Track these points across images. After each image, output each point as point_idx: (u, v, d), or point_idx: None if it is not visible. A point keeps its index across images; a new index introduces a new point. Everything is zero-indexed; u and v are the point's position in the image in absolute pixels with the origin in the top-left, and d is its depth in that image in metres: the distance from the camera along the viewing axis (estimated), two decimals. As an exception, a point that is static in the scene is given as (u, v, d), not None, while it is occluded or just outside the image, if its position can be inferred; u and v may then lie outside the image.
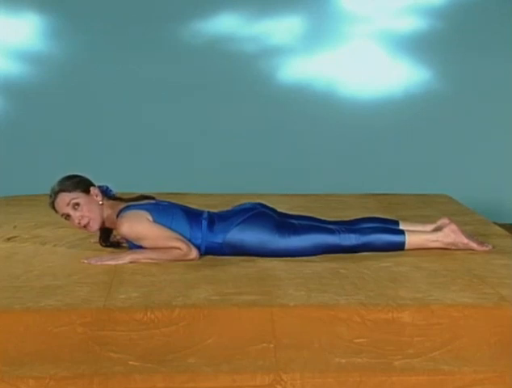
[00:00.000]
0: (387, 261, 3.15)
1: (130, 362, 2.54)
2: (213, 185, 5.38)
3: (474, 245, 3.33)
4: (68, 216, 3.27)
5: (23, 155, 6.07)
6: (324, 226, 3.34)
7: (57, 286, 2.81)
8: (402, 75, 6.11)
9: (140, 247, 3.22)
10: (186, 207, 3.39)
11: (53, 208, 3.30)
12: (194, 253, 3.18)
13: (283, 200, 4.22)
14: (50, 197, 3.29)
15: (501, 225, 4.02)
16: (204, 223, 3.27)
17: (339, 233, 3.29)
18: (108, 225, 3.34)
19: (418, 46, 6.03)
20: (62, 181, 3.30)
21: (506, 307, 2.64)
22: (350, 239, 3.28)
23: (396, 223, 3.49)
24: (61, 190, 3.27)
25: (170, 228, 3.21)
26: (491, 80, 6.06)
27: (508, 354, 2.59)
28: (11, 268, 3.07)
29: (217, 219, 3.30)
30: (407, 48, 6.05)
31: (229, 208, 3.51)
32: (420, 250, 3.31)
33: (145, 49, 6.00)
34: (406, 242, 3.31)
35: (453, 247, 3.32)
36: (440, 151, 6.16)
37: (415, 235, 3.34)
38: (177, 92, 6.04)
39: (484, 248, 3.34)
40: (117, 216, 3.26)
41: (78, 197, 3.26)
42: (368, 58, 6.06)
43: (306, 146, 6.14)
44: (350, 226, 3.37)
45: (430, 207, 4.36)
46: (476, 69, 6.05)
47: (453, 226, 3.35)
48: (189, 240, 3.21)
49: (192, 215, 3.31)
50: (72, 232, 3.59)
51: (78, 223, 3.26)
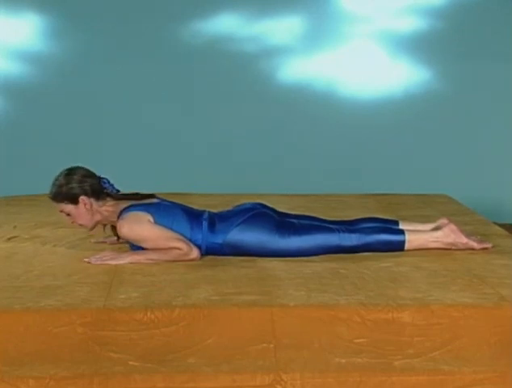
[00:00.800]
0: (387, 261, 3.15)
1: (130, 362, 2.54)
2: (213, 185, 5.38)
3: (474, 244, 3.33)
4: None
5: (23, 155, 6.06)
6: (324, 226, 3.34)
7: (57, 286, 2.81)
8: (402, 75, 6.11)
9: (141, 248, 3.22)
10: (186, 207, 3.39)
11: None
12: (195, 253, 3.18)
13: (283, 200, 4.22)
14: (49, 195, 3.31)
15: (501, 225, 4.02)
16: (205, 223, 3.27)
17: (339, 233, 3.29)
18: (110, 224, 3.35)
19: (418, 46, 6.03)
20: (56, 185, 3.27)
21: (506, 307, 2.64)
22: (351, 239, 3.28)
23: (395, 223, 3.49)
24: (52, 198, 3.28)
25: (171, 228, 3.21)
26: (491, 80, 6.06)
27: (508, 354, 2.59)
28: (11, 268, 3.08)
29: (217, 219, 3.30)
30: (407, 48, 6.05)
31: (229, 208, 3.51)
32: (420, 250, 3.31)
33: (145, 49, 5.99)
34: (406, 242, 3.31)
35: (453, 247, 3.33)
36: (440, 151, 6.16)
37: (415, 235, 3.34)
38: (177, 92, 6.03)
39: (484, 245, 3.34)
40: (118, 216, 3.27)
41: (66, 208, 3.27)
42: (368, 58, 6.06)
43: (306, 146, 6.13)
44: (351, 226, 3.37)
45: (430, 207, 4.35)
46: (476, 69, 6.04)
47: (452, 226, 3.35)
48: (189, 240, 3.21)
49: (193, 215, 3.31)
50: (72, 232, 3.59)
51: (72, 222, 3.32)
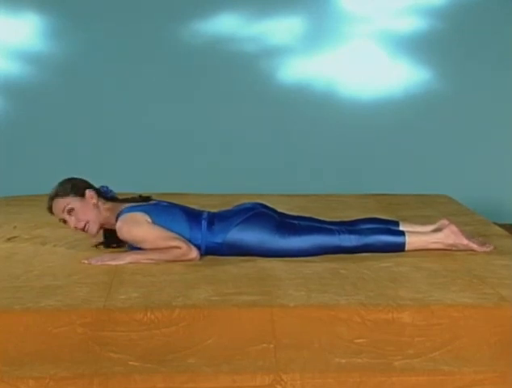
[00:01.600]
0: (387, 261, 3.15)
1: (130, 362, 2.54)
2: (213, 185, 5.37)
3: (474, 246, 3.32)
4: (64, 221, 3.29)
5: (23, 155, 6.06)
6: (324, 227, 3.34)
7: (57, 286, 2.81)
8: (402, 75, 6.11)
9: (140, 248, 3.22)
10: (185, 207, 3.39)
11: (51, 213, 3.33)
12: (194, 253, 3.18)
13: (283, 200, 4.22)
14: (48, 202, 3.31)
15: (501, 225, 4.02)
16: (204, 223, 3.27)
17: (339, 234, 3.28)
18: (109, 226, 3.34)
19: (418, 46, 6.03)
20: (57, 186, 3.32)
21: (506, 307, 2.64)
22: (350, 240, 3.28)
23: (396, 224, 3.48)
24: (56, 195, 3.29)
25: (170, 228, 3.21)
26: (491, 80, 6.06)
27: (508, 354, 2.59)
28: (11, 268, 3.07)
29: (217, 219, 3.30)
30: (407, 48, 6.05)
31: (229, 208, 3.51)
32: (420, 250, 3.31)
33: (145, 49, 5.99)
34: (406, 244, 3.30)
35: (453, 248, 3.32)
36: (440, 151, 6.16)
37: (415, 236, 3.34)
38: (177, 92, 6.03)
39: (484, 249, 3.33)
40: (116, 218, 3.27)
41: (72, 202, 3.27)
42: (368, 58, 6.06)
43: (306, 146, 6.13)
44: (350, 227, 3.37)
45: (430, 207, 4.35)
46: (476, 69, 6.04)
47: (453, 227, 3.34)
48: (189, 240, 3.21)
49: (192, 215, 3.30)
50: (72, 232, 3.58)
51: (75, 227, 3.28)
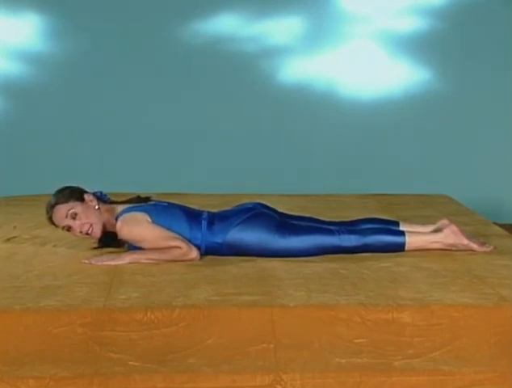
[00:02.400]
0: (387, 261, 3.15)
1: (130, 362, 2.54)
2: (213, 185, 5.37)
3: (474, 246, 3.32)
4: (69, 227, 3.29)
5: (23, 155, 6.06)
6: (324, 227, 3.34)
7: (57, 286, 2.81)
8: (402, 75, 6.10)
9: (140, 248, 3.22)
10: (185, 207, 3.39)
11: (52, 223, 3.32)
12: (194, 252, 3.18)
13: (283, 200, 4.22)
14: (47, 213, 3.30)
15: (501, 225, 4.02)
16: (204, 223, 3.27)
17: (339, 234, 3.28)
18: (109, 228, 3.33)
19: (418, 46, 6.03)
20: (55, 195, 3.31)
21: (506, 307, 2.64)
22: (350, 240, 3.28)
23: (396, 224, 3.48)
24: (56, 203, 3.28)
25: (170, 228, 3.21)
26: (491, 80, 6.05)
27: (508, 354, 2.59)
28: (11, 268, 3.08)
29: (217, 219, 3.30)
30: (407, 48, 6.04)
31: (229, 208, 3.50)
32: (420, 250, 3.31)
33: (145, 49, 5.99)
34: (406, 244, 3.30)
35: (453, 248, 3.32)
36: (440, 151, 6.15)
37: (415, 236, 3.33)
38: (177, 92, 6.03)
39: (484, 249, 3.33)
40: (116, 219, 3.27)
41: (74, 206, 3.26)
42: (368, 58, 6.05)
43: (306, 146, 6.13)
44: (350, 227, 3.37)
45: (430, 207, 4.35)
46: (476, 69, 6.04)
47: (453, 227, 3.34)
48: (189, 240, 3.21)
49: (192, 215, 3.30)
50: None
51: (80, 232, 3.28)
